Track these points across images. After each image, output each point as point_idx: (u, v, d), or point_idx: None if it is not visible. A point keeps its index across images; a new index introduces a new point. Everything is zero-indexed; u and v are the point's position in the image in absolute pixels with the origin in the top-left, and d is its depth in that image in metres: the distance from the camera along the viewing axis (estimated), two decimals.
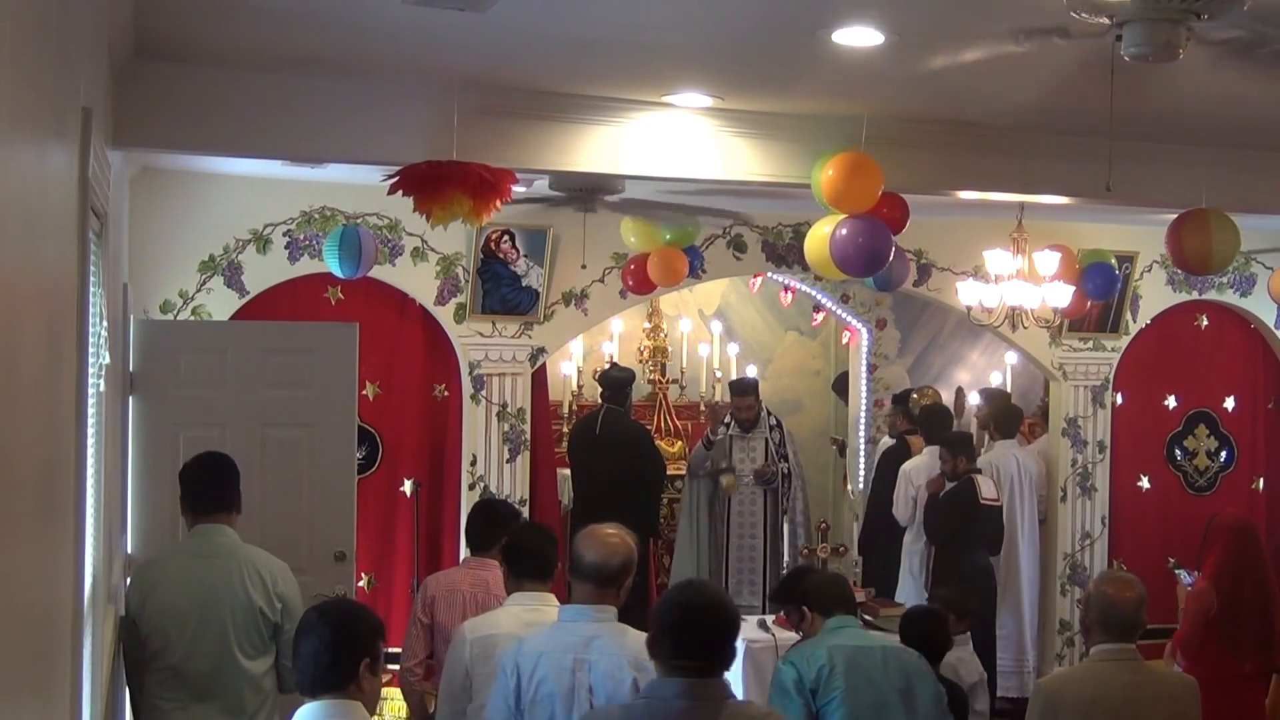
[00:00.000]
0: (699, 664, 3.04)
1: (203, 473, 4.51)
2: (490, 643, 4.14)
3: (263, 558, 4.43)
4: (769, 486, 8.39)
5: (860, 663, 4.19)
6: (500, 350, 7.70)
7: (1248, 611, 5.84)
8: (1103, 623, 3.94)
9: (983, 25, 4.30)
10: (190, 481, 4.48)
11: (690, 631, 3.06)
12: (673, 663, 3.05)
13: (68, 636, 2.86)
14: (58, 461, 2.60)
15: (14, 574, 1.95)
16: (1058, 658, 8.54)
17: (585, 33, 4.58)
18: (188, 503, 4.46)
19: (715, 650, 3.08)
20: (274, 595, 4.35)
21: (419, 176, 5.11)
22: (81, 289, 3.04)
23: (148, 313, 6.80)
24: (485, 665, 4.11)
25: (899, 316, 10.47)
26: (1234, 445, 9.30)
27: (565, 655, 3.59)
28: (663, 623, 3.09)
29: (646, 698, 3.12)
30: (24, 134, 2.02)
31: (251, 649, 4.32)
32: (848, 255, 5.57)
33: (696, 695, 3.02)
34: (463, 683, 4.18)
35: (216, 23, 4.60)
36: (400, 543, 7.57)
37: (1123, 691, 3.85)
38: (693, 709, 3.01)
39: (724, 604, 3.17)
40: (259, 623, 4.32)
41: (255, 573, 4.34)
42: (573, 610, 3.69)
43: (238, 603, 4.30)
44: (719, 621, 3.10)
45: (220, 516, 4.43)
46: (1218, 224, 5.85)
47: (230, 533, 4.43)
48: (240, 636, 4.29)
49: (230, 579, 4.31)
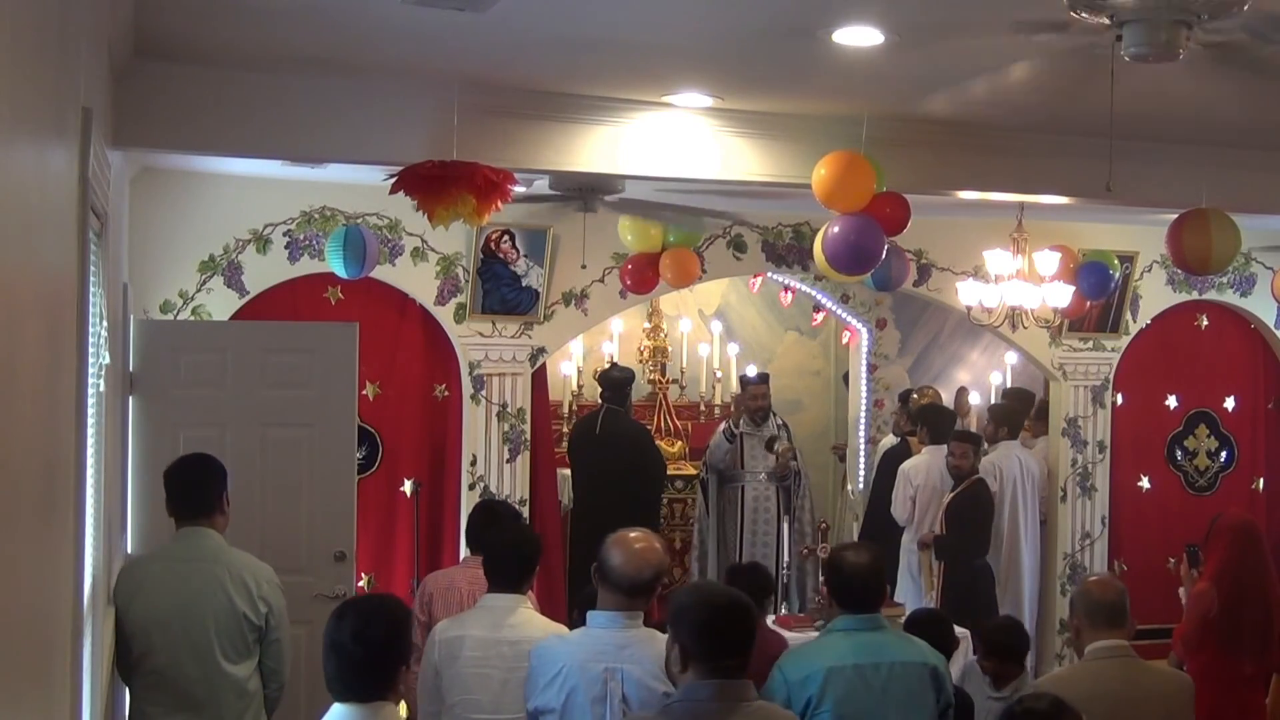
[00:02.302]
0: (731, 663, 3.06)
1: (186, 475, 4.45)
2: (457, 644, 4.14)
3: (247, 562, 4.40)
4: (784, 485, 8.41)
5: (856, 691, 3.79)
6: (500, 350, 7.71)
7: (1249, 612, 5.83)
8: (1089, 615, 3.95)
9: (983, 25, 4.30)
10: (174, 484, 4.43)
11: (725, 632, 3.08)
12: (708, 664, 3.05)
13: (68, 636, 2.86)
14: (58, 461, 2.59)
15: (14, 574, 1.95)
16: (1057, 658, 8.54)
17: (585, 33, 4.58)
18: (172, 505, 4.42)
19: (744, 649, 3.10)
20: (258, 599, 4.31)
21: (422, 176, 5.10)
22: (81, 289, 3.03)
23: (148, 313, 6.80)
24: (452, 666, 4.12)
25: (899, 316, 10.48)
26: (1234, 445, 9.31)
27: (596, 664, 3.56)
28: (694, 626, 3.08)
29: (684, 700, 3.10)
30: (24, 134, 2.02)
31: (235, 654, 4.29)
32: (838, 253, 5.58)
33: (731, 696, 3.04)
34: (434, 681, 4.18)
35: (216, 23, 4.60)
36: (400, 543, 7.57)
37: (1119, 688, 3.86)
38: (728, 710, 3.03)
39: (742, 600, 3.20)
40: (242, 627, 4.28)
41: (239, 577, 4.31)
42: (603, 617, 3.63)
43: (220, 607, 4.26)
44: (746, 621, 3.14)
45: (204, 520, 4.37)
46: (1218, 224, 5.84)
47: (215, 536, 4.38)
48: (223, 641, 4.26)
49: (213, 583, 4.28)
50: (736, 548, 8.42)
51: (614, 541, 3.70)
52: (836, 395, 11.09)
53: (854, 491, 10.16)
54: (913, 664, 3.93)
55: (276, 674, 4.43)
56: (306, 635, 5.09)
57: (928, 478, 7.87)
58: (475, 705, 4.11)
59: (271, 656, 4.40)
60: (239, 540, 4.56)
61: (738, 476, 8.51)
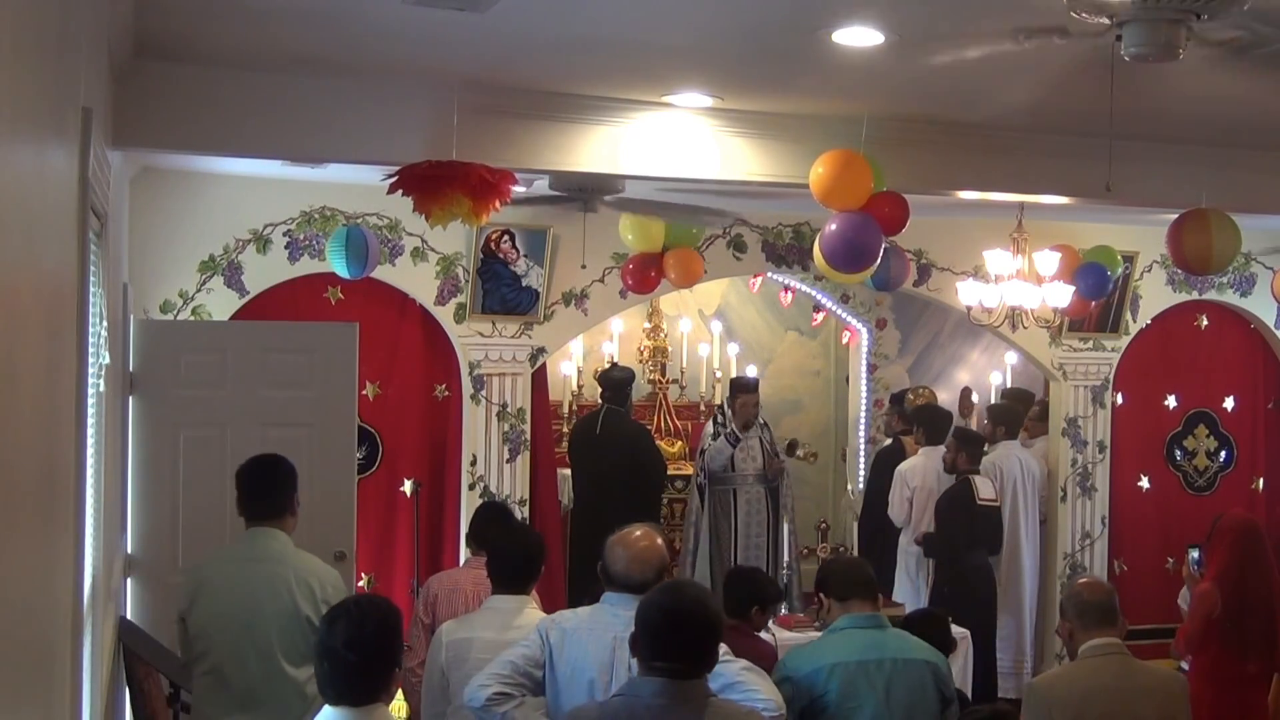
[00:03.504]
0: (677, 666, 3.03)
1: (256, 475, 4.42)
2: (465, 646, 4.15)
3: (313, 564, 4.35)
4: (772, 486, 8.41)
5: (860, 687, 3.86)
6: (500, 350, 7.70)
7: (1251, 612, 5.84)
8: (1080, 615, 3.96)
9: (983, 25, 4.30)
10: (244, 484, 4.40)
11: (670, 635, 3.05)
12: (651, 664, 3.05)
13: (68, 636, 2.86)
14: (58, 461, 2.59)
15: (14, 574, 1.95)
16: (1057, 658, 8.52)
17: (585, 33, 4.58)
18: (243, 505, 4.39)
19: (695, 654, 3.07)
20: (321, 603, 4.19)
21: (419, 176, 5.10)
22: (81, 289, 3.03)
23: (148, 313, 6.80)
24: (461, 668, 4.11)
25: (899, 316, 10.48)
26: (1234, 445, 9.31)
27: (605, 634, 3.59)
28: (643, 624, 3.09)
29: (624, 695, 3.11)
30: (24, 134, 2.02)
31: (298, 656, 4.20)
32: (834, 250, 5.56)
33: (676, 696, 3.01)
34: (440, 684, 4.18)
35: (216, 23, 4.60)
36: (400, 543, 7.57)
37: (1113, 684, 3.87)
38: (672, 708, 3.01)
39: (706, 607, 3.14)
40: (305, 630, 4.17)
41: (303, 580, 4.25)
42: (615, 596, 3.67)
43: (284, 609, 4.21)
44: (699, 626, 3.09)
45: (272, 521, 4.34)
46: (1218, 224, 5.84)
47: (282, 537, 4.34)
48: (285, 643, 4.21)
49: (277, 585, 4.23)
50: (731, 550, 8.41)
51: (616, 541, 3.71)
52: (836, 395, 11.09)
53: (854, 492, 10.16)
54: (915, 661, 3.98)
55: None
56: None
57: (924, 479, 7.87)
58: None
59: None
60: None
61: (729, 479, 8.50)
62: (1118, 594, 4.13)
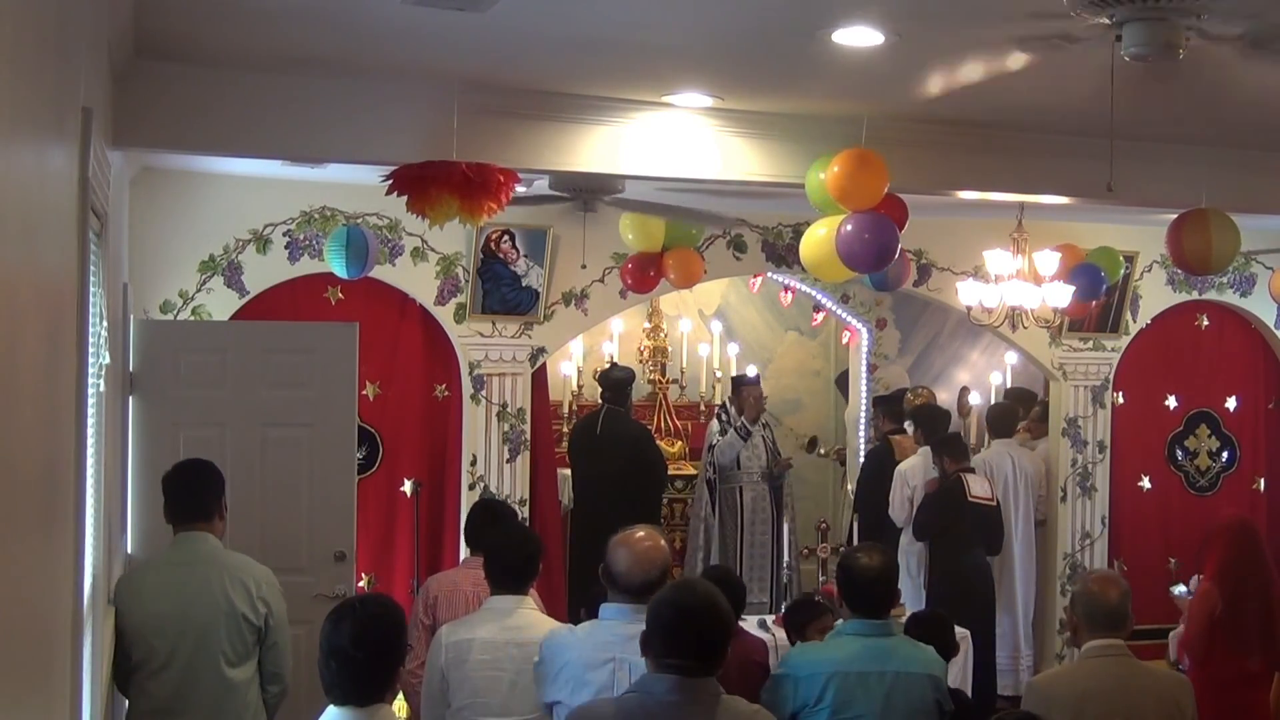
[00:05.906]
0: (690, 664, 3.05)
1: (183, 481, 4.47)
2: (464, 647, 4.14)
3: (245, 564, 4.41)
4: (775, 484, 8.42)
5: (857, 697, 3.84)
6: (500, 350, 7.70)
7: (1252, 610, 5.84)
8: (1089, 617, 3.96)
9: (983, 25, 4.30)
10: (171, 490, 4.45)
11: (682, 632, 3.06)
12: (664, 661, 3.06)
13: (68, 637, 2.86)
14: (58, 462, 2.59)
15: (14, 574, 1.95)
16: (1058, 657, 8.54)
17: (585, 33, 4.58)
18: (169, 511, 4.43)
19: (707, 651, 3.08)
20: (257, 600, 4.32)
21: (409, 177, 5.11)
22: (81, 289, 3.03)
23: (148, 313, 6.80)
24: (460, 669, 4.11)
25: (899, 316, 10.48)
26: (1235, 445, 9.31)
27: (602, 655, 3.57)
28: (655, 621, 3.10)
29: (638, 691, 3.12)
30: (24, 134, 2.02)
31: (235, 656, 4.29)
32: (854, 251, 5.45)
33: (689, 693, 3.03)
34: (440, 685, 4.17)
35: (216, 23, 4.60)
36: (400, 543, 7.57)
37: (1114, 685, 3.87)
38: (685, 705, 3.02)
39: (717, 605, 3.14)
40: (242, 629, 4.29)
41: (237, 579, 4.32)
42: (614, 609, 3.65)
43: (220, 609, 4.27)
44: (712, 623, 3.10)
45: (201, 525, 4.39)
46: (1218, 224, 5.84)
47: (212, 540, 4.39)
48: (223, 644, 4.27)
49: (211, 586, 4.29)
50: (736, 548, 8.42)
51: (619, 542, 3.70)
52: (836, 396, 11.09)
53: (853, 491, 10.15)
54: (916, 675, 3.93)
55: (278, 677, 4.43)
56: (306, 635, 5.07)
57: (924, 478, 7.87)
58: (484, 708, 4.11)
59: (272, 660, 4.40)
60: (239, 540, 4.57)
61: (734, 477, 8.50)
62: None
